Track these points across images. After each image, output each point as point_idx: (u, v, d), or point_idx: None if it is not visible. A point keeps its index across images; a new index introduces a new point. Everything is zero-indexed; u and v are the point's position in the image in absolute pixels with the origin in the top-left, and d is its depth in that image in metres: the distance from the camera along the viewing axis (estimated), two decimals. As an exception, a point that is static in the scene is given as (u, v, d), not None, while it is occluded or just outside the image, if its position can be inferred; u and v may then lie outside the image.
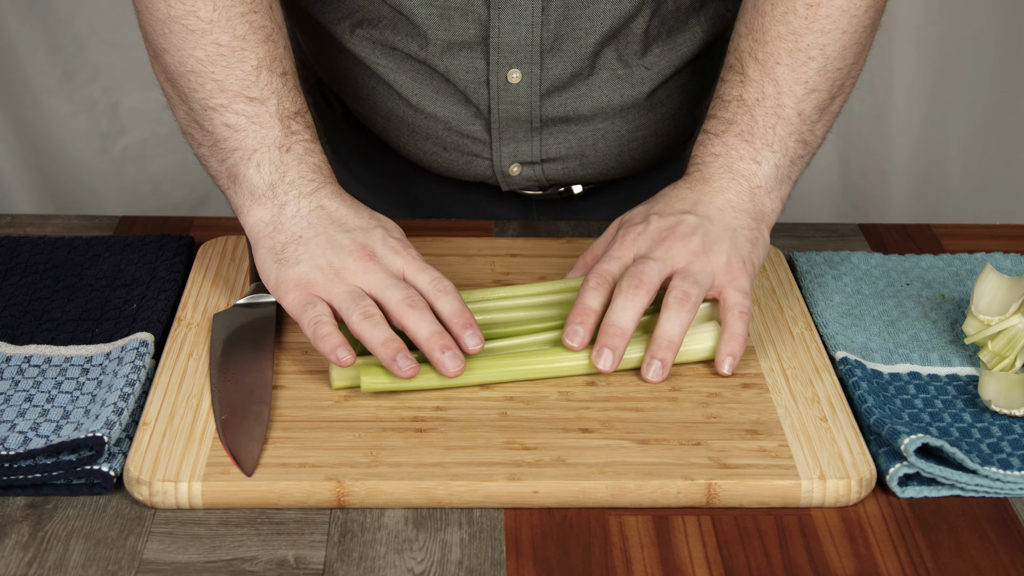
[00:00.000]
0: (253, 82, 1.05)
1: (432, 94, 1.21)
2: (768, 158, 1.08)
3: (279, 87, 1.06)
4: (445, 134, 1.22)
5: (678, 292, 1.01)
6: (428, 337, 0.99)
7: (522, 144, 1.23)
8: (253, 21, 1.05)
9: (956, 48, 2.30)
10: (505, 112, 1.20)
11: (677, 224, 1.05)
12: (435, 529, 0.89)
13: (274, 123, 1.05)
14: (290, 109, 1.06)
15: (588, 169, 1.26)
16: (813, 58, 1.08)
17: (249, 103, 1.05)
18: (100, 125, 2.34)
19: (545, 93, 1.19)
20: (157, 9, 1.04)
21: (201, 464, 0.91)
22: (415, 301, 1.00)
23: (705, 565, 0.87)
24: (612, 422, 0.97)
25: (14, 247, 1.17)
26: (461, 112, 1.21)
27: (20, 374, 1.00)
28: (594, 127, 1.23)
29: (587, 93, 1.20)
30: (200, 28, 1.04)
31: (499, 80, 1.18)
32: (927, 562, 0.87)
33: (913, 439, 0.92)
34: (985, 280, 1.05)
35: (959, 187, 2.41)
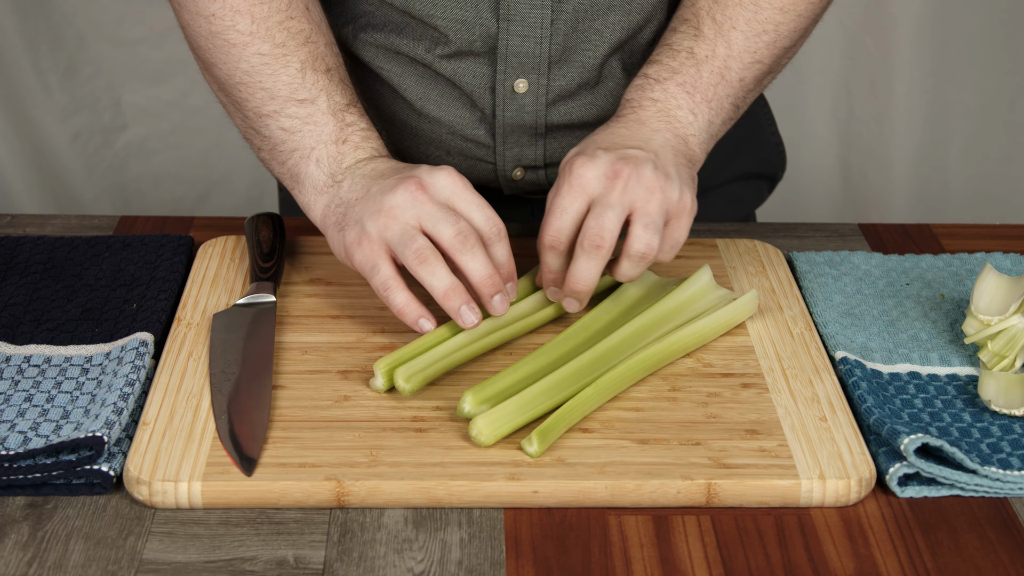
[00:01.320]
0: (300, 84, 1.07)
1: (436, 98, 1.20)
2: (704, 112, 1.09)
3: (326, 84, 1.08)
4: (448, 138, 1.22)
5: (640, 245, 1.01)
6: (482, 279, 1.00)
7: (526, 149, 1.22)
8: (291, 27, 1.07)
9: (956, 49, 2.30)
10: (510, 119, 1.20)
11: (626, 156, 1.03)
12: (435, 529, 0.89)
13: (327, 119, 1.07)
14: (341, 102, 1.08)
15: None
16: (767, 31, 1.11)
17: (300, 105, 1.07)
18: (102, 121, 2.34)
19: (551, 102, 1.19)
20: (199, 27, 1.08)
21: (201, 464, 0.91)
22: (467, 237, 1.00)
23: (705, 565, 0.87)
24: (612, 422, 0.97)
25: (14, 247, 1.17)
26: (465, 116, 1.21)
27: (20, 374, 1.00)
28: None
29: (592, 102, 1.20)
30: (241, 41, 1.07)
31: (505, 89, 1.18)
32: (927, 562, 0.87)
33: (913, 439, 0.92)
34: (985, 280, 1.05)
35: (959, 187, 2.41)
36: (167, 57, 2.30)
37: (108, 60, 2.30)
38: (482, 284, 1.00)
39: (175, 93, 2.33)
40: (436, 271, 0.99)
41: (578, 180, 1.02)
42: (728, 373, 1.02)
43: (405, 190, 1.01)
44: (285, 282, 1.13)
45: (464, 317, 1.00)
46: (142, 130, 2.36)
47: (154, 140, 2.37)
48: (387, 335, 1.06)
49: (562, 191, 1.03)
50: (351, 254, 1.03)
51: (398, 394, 0.99)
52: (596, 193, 1.02)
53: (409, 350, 1.01)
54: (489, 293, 1.01)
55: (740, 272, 1.16)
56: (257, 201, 2.40)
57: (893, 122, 2.35)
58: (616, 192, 1.01)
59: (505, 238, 1.02)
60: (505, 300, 1.02)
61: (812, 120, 2.37)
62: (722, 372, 1.03)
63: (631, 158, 1.02)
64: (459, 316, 1.00)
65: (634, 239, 1.01)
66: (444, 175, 1.02)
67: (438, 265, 0.99)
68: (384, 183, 1.03)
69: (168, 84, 2.33)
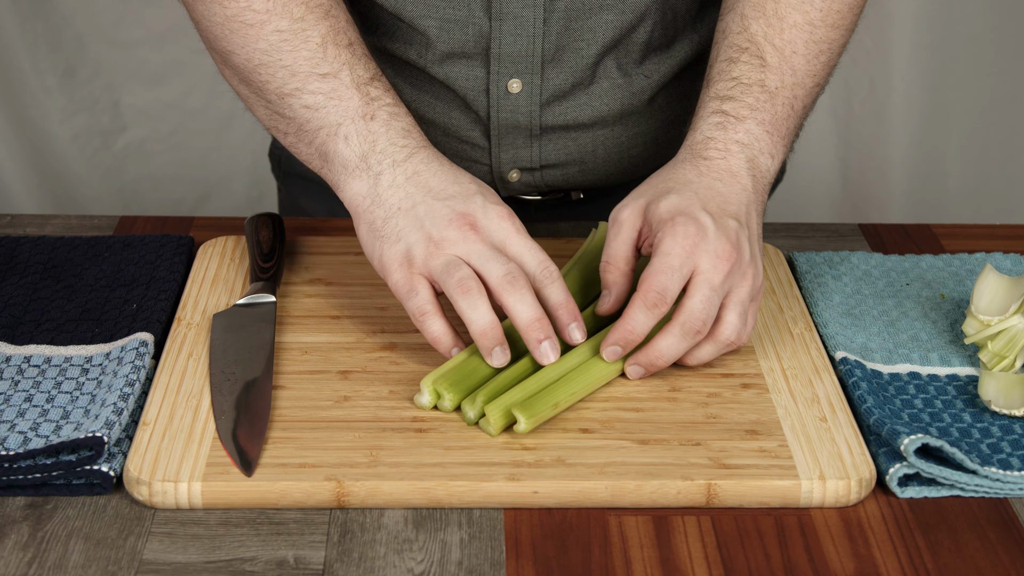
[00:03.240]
0: (321, 59, 1.04)
1: (430, 100, 1.20)
2: (780, 154, 1.06)
3: (348, 57, 1.05)
4: (443, 139, 1.22)
5: (730, 334, 0.99)
6: (529, 323, 0.97)
7: (521, 150, 1.22)
8: (309, 1, 1.05)
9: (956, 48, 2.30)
10: (505, 120, 1.19)
11: (736, 240, 0.99)
12: (435, 529, 0.89)
13: (352, 93, 1.04)
14: (364, 76, 1.05)
15: (588, 175, 1.26)
16: (823, 51, 1.07)
17: (323, 80, 1.04)
18: (101, 123, 2.34)
19: (545, 103, 1.19)
20: (214, 13, 1.05)
21: (201, 464, 0.91)
22: (516, 278, 0.97)
23: (705, 565, 0.87)
24: (612, 422, 0.97)
25: (14, 247, 1.17)
26: (460, 119, 1.21)
27: (20, 374, 1.00)
28: (594, 134, 1.22)
29: (587, 102, 1.20)
30: (258, 20, 1.04)
31: (499, 90, 1.17)
32: (927, 562, 0.87)
33: (913, 439, 0.92)
34: (985, 280, 1.05)
35: (959, 187, 2.41)
36: (166, 59, 2.30)
37: (107, 61, 2.30)
38: (529, 328, 0.97)
39: (174, 94, 2.33)
40: (477, 305, 0.97)
41: (691, 246, 0.97)
42: (728, 373, 1.02)
43: (458, 229, 0.99)
44: (285, 282, 1.13)
45: (495, 358, 0.98)
46: (141, 131, 2.36)
47: (153, 141, 2.37)
48: (387, 335, 1.06)
49: (674, 252, 0.97)
50: (388, 272, 1.00)
51: (400, 396, 0.99)
52: (702, 267, 0.97)
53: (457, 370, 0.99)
54: (537, 338, 0.97)
55: (740, 272, 1.16)
56: (257, 202, 2.40)
57: (893, 122, 2.35)
58: (720, 278, 0.97)
59: (559, 279, 1.00)
60: (555, 347, 0.97)
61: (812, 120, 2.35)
62: (722, 372, 1.03)
63: (739, 245, 0.99)
64: (490, 356, 0.98)
65: (726, 327, 0.99)
66: (499, 217, 1.00)
67: (480, 299, 0.97)
68: (434, 209, 1.00)
69: (167, 85, 2.33)
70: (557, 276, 0.99)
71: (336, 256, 1.17)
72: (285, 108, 1.06)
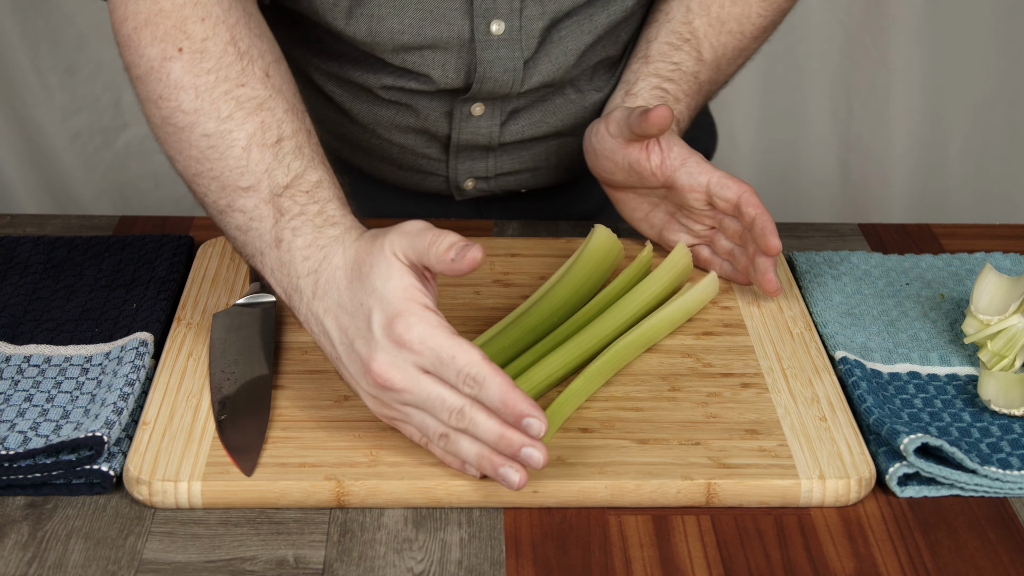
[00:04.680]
0: (244, 167, 0.96)
1: (388, 123, 1.21)
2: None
3: (270, 161, 0.96)
4: (400, 155, 1.23)
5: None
6: (478, 458, 0.88)
7: (478, 163, 1.24)
8: (240, 95, 0.97)
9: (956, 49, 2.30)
10: (465, 140, 1.21)
11: None
12: (435, 529, 0.89)
13: (268, 213, 0.95)
14: (281, 184, 0.95)
15: (540, 179, 1.29)
16: (743, 59, 1.18)
17: (245, 195, 0.96)
18: (102, 121, 2.34)
19: (505, 122, 1.21)
20: (154, 115, 1.00)
21: (201, 464, 0.91)
22: (449, 429, 0.88)
23: (705, 565, 0.87)
24: (612, 422, 0.97)
25: (14, 247, 1.17)
26: (419, 139, 1.22)
27: (20, 374, 1.00)
28: (548, 144, 1.25)
29: (542, 119, 1.22)
30: (187, 123, 0.97)
31: (462, 113, 1.19)
32: (927, 562, 0.87)
33: (912, 439, 0.92)
34: (984, 280, 1.05)
35: (959, 187, 2.41)
36: (167, 58, 2.30)
37: (108, 60, 2.30)
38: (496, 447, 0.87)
39: (175, 94, 2.33)
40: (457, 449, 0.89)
41: None
42: (728, 373, 1.02)
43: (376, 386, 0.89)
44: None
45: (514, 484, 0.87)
46: (142, 130, 2.36)
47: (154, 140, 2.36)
48: (387, 335, 1.06)
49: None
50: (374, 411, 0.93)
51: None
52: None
53: None
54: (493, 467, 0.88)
55: (740, 272, 1.16)
56: (257, 202, 2.40)
57: (893, 122, 2.35)
58: None
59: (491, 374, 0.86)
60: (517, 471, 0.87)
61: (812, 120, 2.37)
62: (722, 372, 1.03)
63: None
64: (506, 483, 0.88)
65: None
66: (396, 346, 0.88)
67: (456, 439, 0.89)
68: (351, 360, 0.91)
69: (168, 85, 2.33)
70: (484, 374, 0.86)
71: (336, 256, 1.17)
72: (225, 227, 0.99)
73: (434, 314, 0.88)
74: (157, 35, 0.98)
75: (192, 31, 0.98)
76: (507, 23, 1.13)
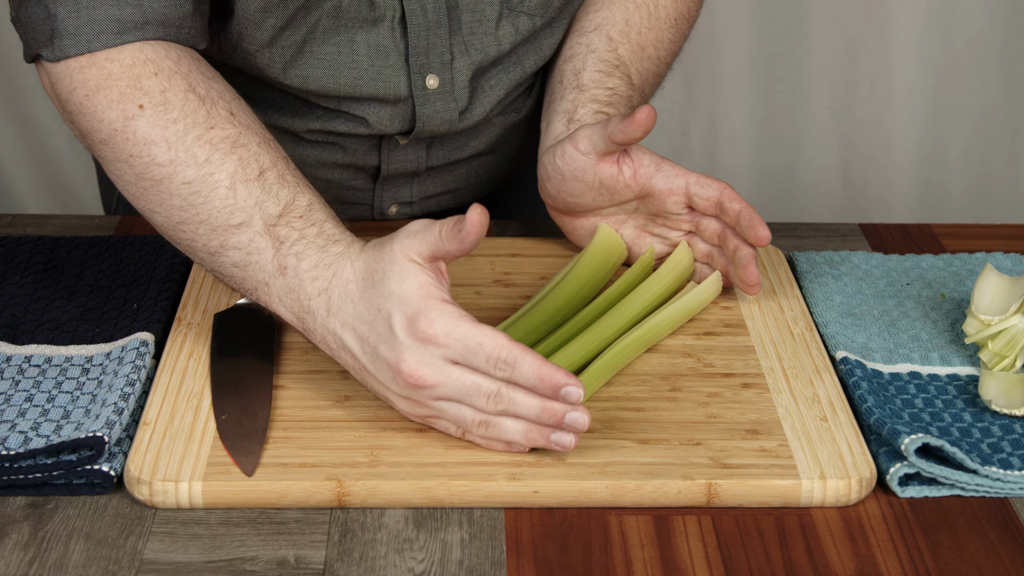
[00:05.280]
0: (232, 205, 0.97)
1: (314, 162, 1.21)
2: None
3: (258, 194, 0.97)
4: (325, 189, 1.22)
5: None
6: (526, 434, 0.91)
7: (403, 189, 1.25)
8: (212, 138, 0.98)
9: (956, 49, 2.30)
10: (394, 170, 1.22)
11: None
12: (435, 529, 0.89)
13: (266, 244, 0.96)
14: (274, 214, 0.97)
15: (459, 199, 1.30)
16: (660, 81, 1.24)
17: (238, 231, 0.97)
18: None
19: (429, 148, 1.22)
20: (125, 174, 0.99)
21: (201, 464, 0.91)
22: (487, 415, 0.91)
23: (705, 565, 0.87)
24: (612, 422, 0.97)
25: (14, 247, 1.17)
26: (345, 173, 1.23)
27: (20, 374, 1.00)
28: (469, 166, 1.27)
29: (467, 143, 1.24)
30: (164, 174, 0.98)
31: (390, 144, 1.20)
32: (927, 562, 0.87)
33: (913, 439, 0.92)
34: (985, 280, 1.05)
35: (959, 187, 2.41)
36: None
37: (108, 61, 2.30)
38: (540, 421, 0.91)
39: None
40: (498, 434, 0.92)
41: None
42: (728, 373, 1.02)
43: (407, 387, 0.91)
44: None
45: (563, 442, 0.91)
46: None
47: None
48: (387, 335, 1.06)
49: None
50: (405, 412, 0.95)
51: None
52: None
53: None
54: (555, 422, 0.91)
55: (740, 272, 1.16)
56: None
57: (893, 122, 2.34)
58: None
59: (521, 353, 0.90)
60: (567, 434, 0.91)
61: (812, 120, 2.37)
62: (722, 372, 1.03)
63: None
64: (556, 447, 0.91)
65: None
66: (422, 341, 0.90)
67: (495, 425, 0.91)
68: (379, 369, 0.92)
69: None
70: (514, 355, 0.89)
71: (336, 256, 1.17)
72: (219, 267, 1.00)
73: (452, 306, 0.90)
74: (112, 98, 0.98)
75: (148, 86, 0.98)
76: (440, 76, 1.15)
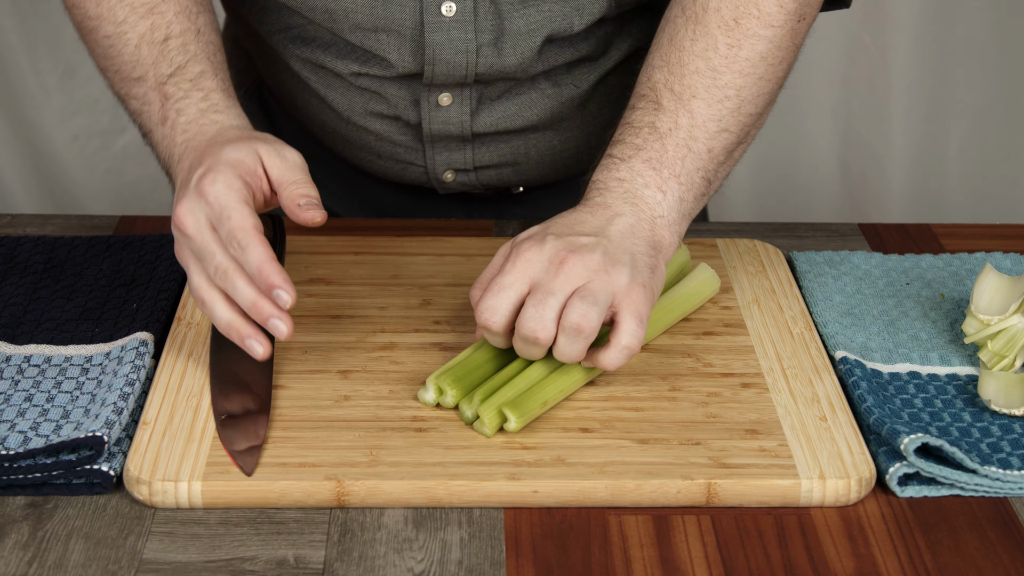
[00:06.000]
0: (135, 62, 1.07)
1: (361, 111, 1.21)
2: (674, 189, 1.03)
3: (156, 56, 1.07)
4: (377, 144, 1.23)
5: (575, 317, 0.94)
6: (228, 325, 0.96)
7: (455, 154, 1.24)
8: (133, 3, 1.08)
9: (956, 48, 2.30)
10: (437, 130, 1.21)
11: (574, 244, 0.98)
12: (435, 529, 0.89)
13: (154, 97, 1.07)
14: (166, 73, 1.06)
15: (522, 175, 1.27)
16: (729, 97, 1.05)
17: (136, 84, 1.08)
18: (101, 123, 2.34)
19: (475, 112, 1.20)
20: (75, 20, 1.12)
21: (201, 464, 0.91)
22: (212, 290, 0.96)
23: (705, 565, 0.87)
24: (612, 421, 0.97)
25: (14, 247, 1.17)
26: (392, 126, 1.22)
27: (20, 374, 1.00)
28: (526, 139, 1.24)
29: (517, 112, 1.21)
30: (92, 27, 1.10)
31: (430, 103, 1.19)
32: (927, 562, 0.87)
33: (913, 439, 0.92)
34: (985, 280, 1.05)
35: (959, 187, 2.41)
36: (166, 59, 2.30)
37: (107, 62, 2.30)
38: (250, 313, 0.95)
39: (174, 95, 2.33)
40: (214, 308, 0.96)
41: (523, 262, 0.97)
42: (728, 373, 1.02)
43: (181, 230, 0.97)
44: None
45: (252, 349, 0.96)
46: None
47: None
48: (387, 335, 1.06)
49: (504, 269, 0.97)
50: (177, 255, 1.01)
51: (400, 396, 0.99)
52: (538, 278, 0.96)
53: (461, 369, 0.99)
54: (239, 338, 0.96)
55: (740, 272, 1.16)
56: (256, 202, 2.40)
57: (893, 121, 2.35)
58: (559, 279, 0.96)
59: (254, 242, 0.94)
60: (261, 343, 0.95)
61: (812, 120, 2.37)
62: (722, 372, 1.03)
63: (579, 246, 0.97)
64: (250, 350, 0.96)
65: (569, 311, 0.94)
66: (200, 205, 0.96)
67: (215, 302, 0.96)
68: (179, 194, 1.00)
69: (166, 86, 2.33)
70: (248, 242, 0.94)
71: (336, 256, 1.17)
72: (128, 109, 1.11)
73: (243, 184, 0.96)
74: None
75: None
76: (459, 5, 1.13)
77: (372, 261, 1.16)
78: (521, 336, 0.96)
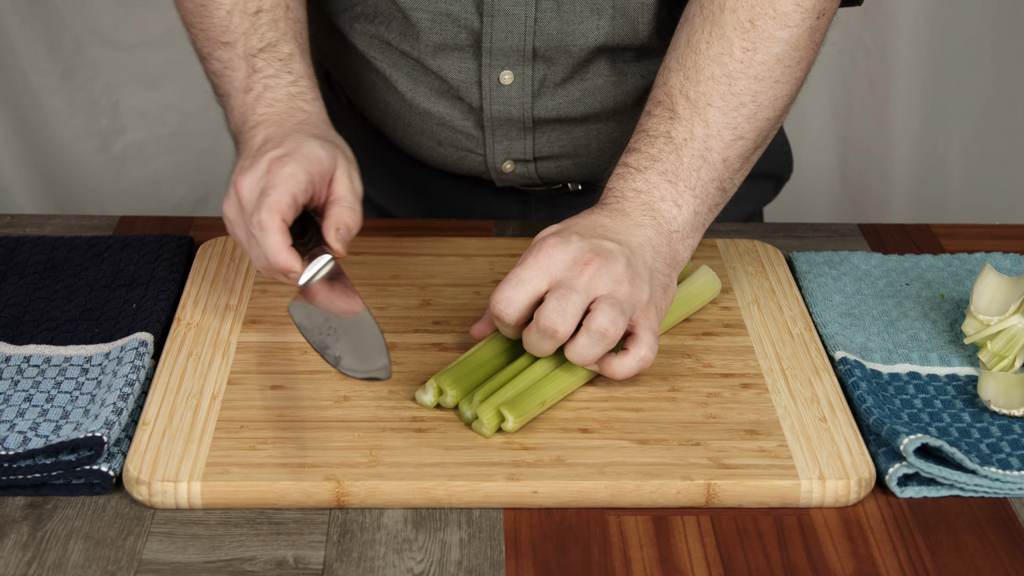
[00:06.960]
0: (225, 27, 1.09)
1: (425, 91, 1.21)
2: (689, 203, 1.03)
3: (247, 27, 1.09)
4: (438, 129, 1.23)
5: (604, 321, 0.95)
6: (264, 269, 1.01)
7: (515, 142, 1.23)
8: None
9: (956, 48, 2.30)
10: (497, 112, 1.20)
11: (600, 248, 0.98)
12: (434, 529, 0.89)
13: (240, 64, 1.09)
14: (256, 46, 1.09)
15: (582, 168, 1.26)
16: (745, 104, 1.04)
17: (223, 48, 1.10)
18: (100, 124, 2.34)
19: (537, 94, 1.19)
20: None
21: (200, 464, 0.91)
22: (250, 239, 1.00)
23: (704, 565, 0.87)
24: (611, 422, 0.97)
25: (14, 247, 1.17)
26: (453, 110, 1.22)
27: (19, 374, 1.00)
28: (587, 128, 1.23)
29: (580, 98, 1.20)
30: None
31: (491, 81, 1.18)
32: (926, 562, 0.87)
33: (912, 439, 0.92)
34: (984, 280, 1.05)
35: (959, 187, 2.41)
36: (165, 61, 2.30)
37: (106, 63, 2.30)
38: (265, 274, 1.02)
39: (173, 97, 2.33)
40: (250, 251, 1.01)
41: (545, 258, 0.97)
42: (728, 373, 1.02)
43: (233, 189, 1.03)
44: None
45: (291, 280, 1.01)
46: (140, 133, 2.36)
47: (152, 143, 2.37)
48: (387, 335, 1.06)
49: (526, 263, 0.98)
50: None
51: (400, 396, 0.99)
52: (560, 276, 0.97)
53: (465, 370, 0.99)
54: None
55: (740, 272, 1.16)
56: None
57: (893, 122, 2.35)
58: (583, 279, 0.96)
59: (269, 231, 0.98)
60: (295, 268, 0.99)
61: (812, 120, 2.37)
62: (722, 372, 1.03)
63: (605, 251, 0.98)
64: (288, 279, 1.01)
65: (598, 314, 0.95)
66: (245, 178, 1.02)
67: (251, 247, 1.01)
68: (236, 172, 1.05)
69: (166, 87, 2.33)
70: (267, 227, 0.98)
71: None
72: (206, 70, 1.13)
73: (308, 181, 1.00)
74: None
75: None
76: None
77: (372, 261, 1.16)
78: (539, 328, 0.96)
